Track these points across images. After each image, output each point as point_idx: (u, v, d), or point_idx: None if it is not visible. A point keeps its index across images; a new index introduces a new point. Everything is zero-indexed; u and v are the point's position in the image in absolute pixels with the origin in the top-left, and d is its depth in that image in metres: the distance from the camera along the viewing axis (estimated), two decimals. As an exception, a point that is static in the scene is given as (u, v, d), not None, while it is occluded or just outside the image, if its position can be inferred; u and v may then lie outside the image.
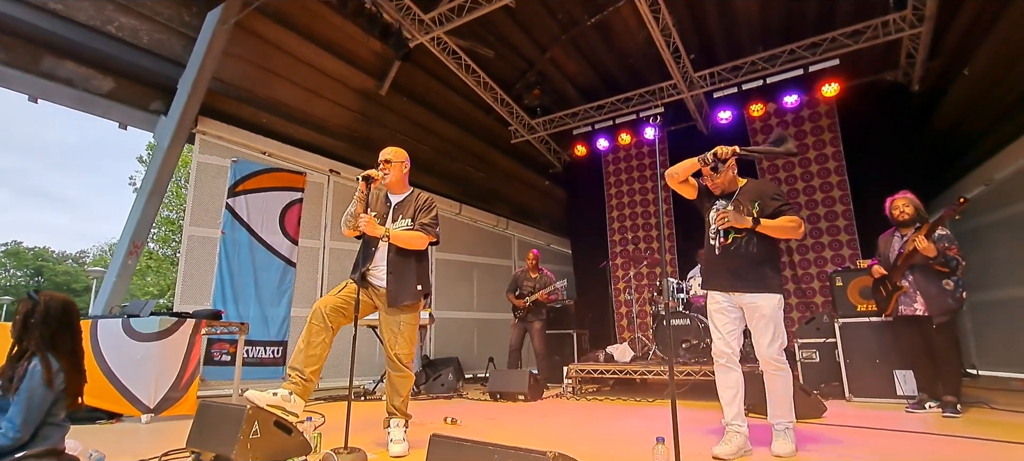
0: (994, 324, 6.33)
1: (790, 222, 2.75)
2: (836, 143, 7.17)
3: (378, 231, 2.86)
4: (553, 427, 3.74)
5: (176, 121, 5.38)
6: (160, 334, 4.09)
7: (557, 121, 8.54)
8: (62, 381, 2.00)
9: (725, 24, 6.71)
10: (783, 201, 2.82)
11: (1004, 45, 5.32)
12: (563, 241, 10.36)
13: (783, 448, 2.64)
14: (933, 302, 3.80)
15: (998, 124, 5.97)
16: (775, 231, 2.76)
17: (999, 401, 4.14)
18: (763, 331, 2.72)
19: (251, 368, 5.79)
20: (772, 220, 2.76)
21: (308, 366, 2.76)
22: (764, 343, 2.72)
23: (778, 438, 2.69)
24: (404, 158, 3.14)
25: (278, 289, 6.26)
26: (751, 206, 2.84)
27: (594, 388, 6.00)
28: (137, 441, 3.31)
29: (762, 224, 2.75)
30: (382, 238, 2.90)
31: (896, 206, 4.07)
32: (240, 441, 2.30)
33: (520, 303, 6.31)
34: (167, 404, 4.02)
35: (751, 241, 2.78)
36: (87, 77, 5.17)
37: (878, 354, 4.47)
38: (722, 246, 2.88)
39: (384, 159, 3.07)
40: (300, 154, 6.71)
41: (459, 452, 1.50)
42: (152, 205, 5.54)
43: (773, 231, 2.76)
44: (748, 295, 2.77)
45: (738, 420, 2.74)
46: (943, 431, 3.14)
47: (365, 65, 6.70)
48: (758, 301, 2.73)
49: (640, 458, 2.59)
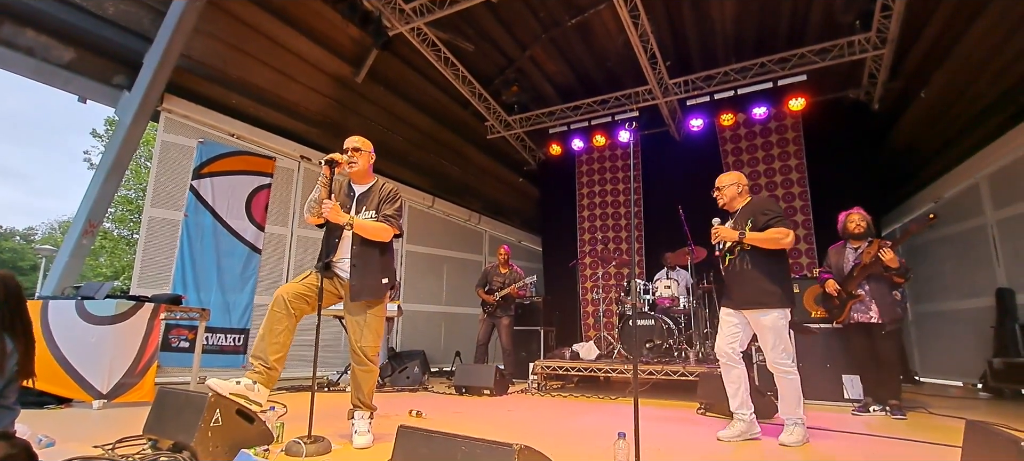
0: (936, 334, 6.71)
1: (776, 234, 2.95)
2: (800, 156, 7.45)
3: (342, 218, 2.78)
4: (518, 422, 3.78)
5: (140, 97, 5.18)
6: (116, 318, 3.95)
7: (534, 119, 8.59)
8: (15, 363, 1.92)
9: (701, 34, 6.87)
10: (772, 215, 3.02)
11: (958, 73, 5.64)
12: (534, 238, 10.43)
13: (788, 438, 2.93)
14: (886, 310, 4.05)
15: (948, 146, 6.33)
16: (762, 243, 2.97)
17: (937, 406, 4.40)
18: (766, 342, 3.01)
19: (211, 356, 5.64)
20: (760, 233, 2.97)
21: (272, 354, 2.70)
22: (768, 351, 3.00)
23: (785, 431, 2.97)
24: (371, 147, 3.07)
25: (242, 276, 6.11)
26: (745, 224, 3.05)
27: (559, 385, 6.09)
28: (89, 427, 3.19)
29: (748, 236, 2.97)
30: (346, 226, 2.83)
31: (852, 220, 4.32)
32: (201, 429, 2.25)
33: (489, 298, 6.34)
34: (121, 390, 3.90)
35: (746, 259, 3.02)
36: (47, 46, 4.93)
37: (828, 359, 4.69)
38: (725, 267, 3.17)
39: (352, 147, 2.98)
40: (270, 138, 6.55)
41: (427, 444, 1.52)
42: (111, 183, 5.32)
43: (760, 243, 2.96)
44: (750, 312, 3.03)
45: (743, 409, 3.06)
46: (885, 433, 3.32)
47: (342, 51, 6.58)
48: (758, 317, 2.99)
49: (602, 452, 2.66)
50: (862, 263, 4.12)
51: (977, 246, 5.89)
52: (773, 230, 2.96)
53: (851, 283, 4.20)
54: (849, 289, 4.22)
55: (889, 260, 3.92)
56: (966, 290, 6.07)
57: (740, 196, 3.24)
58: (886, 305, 4.05)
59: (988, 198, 5.77)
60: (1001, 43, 4.98)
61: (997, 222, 5.63)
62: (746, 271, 3.01)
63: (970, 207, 6.03)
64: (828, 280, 4.36)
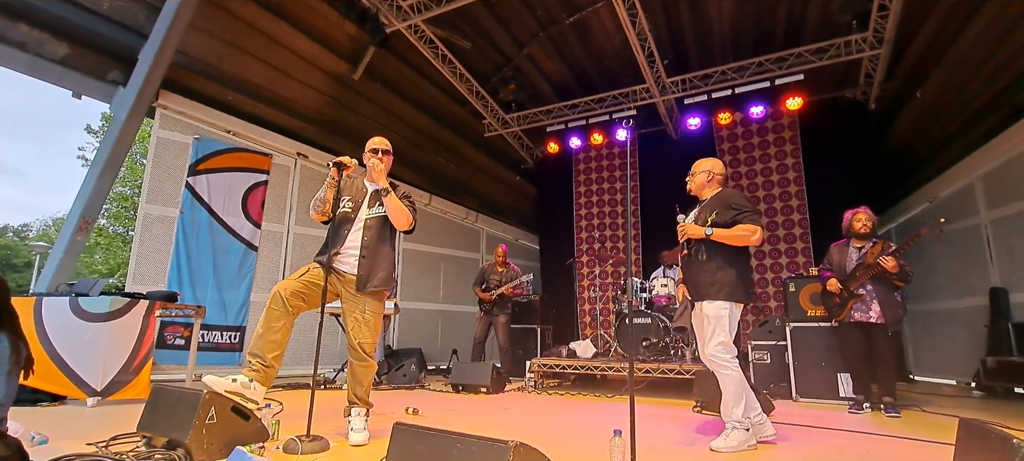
0: (930, 333, 6.75)
1: (744, 230, 2.84)
2: (797, 155, 7.46)
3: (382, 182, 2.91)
4: (514, 419, 3.79)
5: (135, 93, 5.16)
6: (111, 315, 3.93)
7: (531, 117, 8.58)
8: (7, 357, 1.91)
9: (699, 33, 6.88)
10: (739, 210, 2.90)
11: (954, 73, 5.66)
12: (532, 237, 10.43)
13: (720, 443, 2.72)
14: (889, 312, 4.06)
15: (944, 146, 6.35)
16: (729, 239, 2.86)
17: (931, 405, 4.43)
18: (703, 331, 2.89)
19: (206, 353, 5.63)
20: (727, 229, 2.87)
21: (269, 352, 2.71)
22: (705, 342, 2.87)
23: (722, 435, 2.78)
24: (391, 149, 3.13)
25: (238, 273, 6.09)
26: (710, 214, 2.95)
27: (556, 383, 6.09)
28: (83, 424, 3.18)
29: (714, 234, 2.86)
30: (383, 191, 2.91)
31: (858, 219, 4.31)
32: (195, 426, 2.24)
33: (486, 296, 6.34)
34: (116, 388, 3.88)
35: (701, 250, 2.92)
36: (41, 41, 4.90)
37: (824, 357, 4.71)
38: (683, 257, 3.07)
39: (383, 149, 3.03)
40: (267, 135, 6.53)
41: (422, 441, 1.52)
42: (106, 179, 5.30)
43: (726, 239, 2.86)
44: (701, 302, 2.91)
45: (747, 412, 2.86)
46: (879, 430, 3.34)
47: (339, 48, 6.56)
48: (703, 306, 2.88)
49: (598, 450, 2.67)
50: (866, 263, 4.12)
51: (971, 246, 5.92)
52: (741, 227, 2.84)
53: (854, 282, 4.19)
54: (851, 288, 4.21)
55: (891, 268, 3.93)
56: (960, 289, 6.11)
57: (709, 185, 3.11)
58: (889, 306, 4.05)
59: (983, 198, 5.79)
60: (996, 44, 5.00)
61: (991, 222, 5.66)
62: (700, 262, 2.91)
63: (965, 207, 6.05)
64: (830, 278, 4.34)
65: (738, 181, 7.78)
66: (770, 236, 7.45)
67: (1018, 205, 5.25)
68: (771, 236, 7.45)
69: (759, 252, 7.50)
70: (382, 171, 2.98)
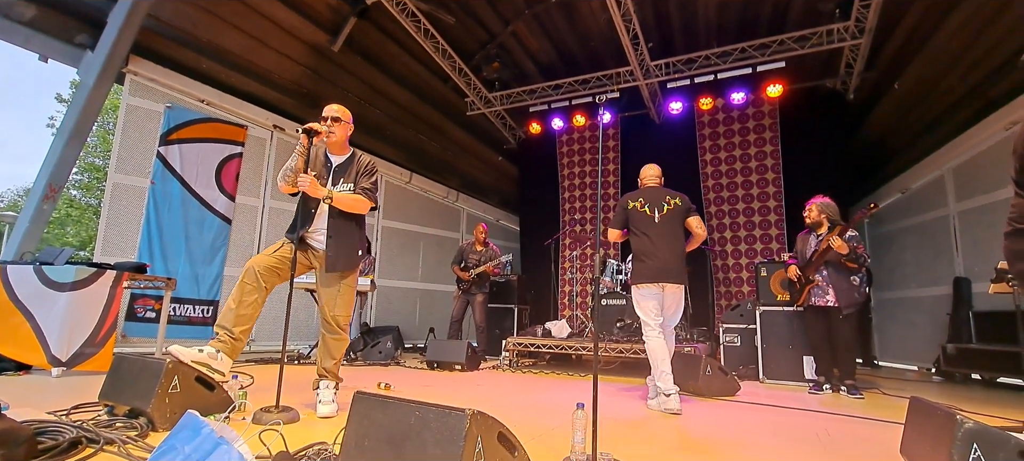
0: (896, 320, 6.96)
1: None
2: (775, 142, 7.55)
3: (320, 193, 2.76)
4: (484, 395, 3.82)
5: (104, 58, 4.98)
6: (76, 284, 3.83)
7: (515, 97, 8.51)
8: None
9: (684, 16, 6.85)
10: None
11: (931, 65, 5.74)
12: (512, 218, 10.43)
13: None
14: (843, 295, 4.18)
15: (918, 138, 6.48)
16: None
17: (891, 388, 4.58)
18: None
19: (178, 327, 5.55)
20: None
21: (237, 325, 2.68)
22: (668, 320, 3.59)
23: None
24: (350, 118, 3.03)
25: (211, 247, 5.99)
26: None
27: (531, 362, 6.15)
28: (46, 394, 3.12)
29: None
30: (324, 200, 2.80)
31: (810, 210, 4.47)
32: (157, 395, 2.21)
33: (465, 275, 6.34)
34: (80, 359, 3.80)
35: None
36: (9, 3, 4.70)
37: (791, 340, 4.83)
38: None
39: (332, 116, 2.91)
40: (242, 106, 6.38)
41: (382, 409, 1.52)
42: (72, 147, 5.14)
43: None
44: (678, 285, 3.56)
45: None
46: (839, 410, 3.45)
47: (318, 18, 6.39)
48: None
49: (562, 424, 2.71)
50: (819, 250, 4.25)
51: (939, 236, 6.08)
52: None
53: (810, 269, 4.36)
54: (808, 274, 4.36)
55: (838, 247, 4.03)
56: (926, 278, 6.29)
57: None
58: (843, 290, 4.18)
59: (952, 190, 5.94)
60: (974, 37, 5.08)
61: (959, 213, 5.81)
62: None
63: (935, 198, 6.21)
64: (791, 266, 4.52)
65: (717, 167, 7.85)
66: (745, 222, 7.56)
67: (985, 198, 5.40)
68: (746, 222, 7.56)
69: (734, 237, 7.61)
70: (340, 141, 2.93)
